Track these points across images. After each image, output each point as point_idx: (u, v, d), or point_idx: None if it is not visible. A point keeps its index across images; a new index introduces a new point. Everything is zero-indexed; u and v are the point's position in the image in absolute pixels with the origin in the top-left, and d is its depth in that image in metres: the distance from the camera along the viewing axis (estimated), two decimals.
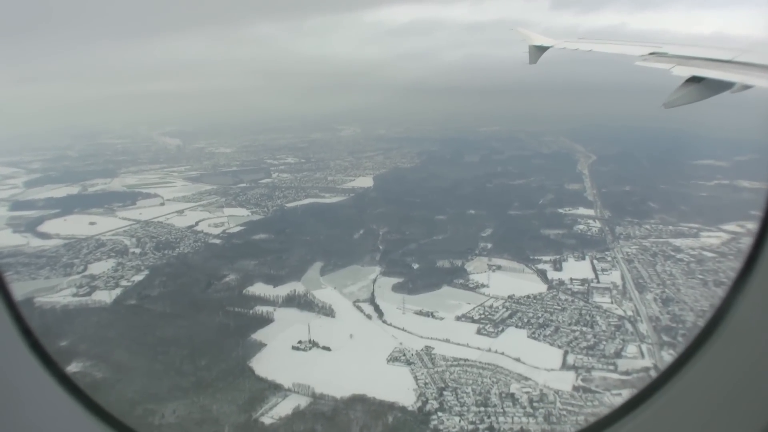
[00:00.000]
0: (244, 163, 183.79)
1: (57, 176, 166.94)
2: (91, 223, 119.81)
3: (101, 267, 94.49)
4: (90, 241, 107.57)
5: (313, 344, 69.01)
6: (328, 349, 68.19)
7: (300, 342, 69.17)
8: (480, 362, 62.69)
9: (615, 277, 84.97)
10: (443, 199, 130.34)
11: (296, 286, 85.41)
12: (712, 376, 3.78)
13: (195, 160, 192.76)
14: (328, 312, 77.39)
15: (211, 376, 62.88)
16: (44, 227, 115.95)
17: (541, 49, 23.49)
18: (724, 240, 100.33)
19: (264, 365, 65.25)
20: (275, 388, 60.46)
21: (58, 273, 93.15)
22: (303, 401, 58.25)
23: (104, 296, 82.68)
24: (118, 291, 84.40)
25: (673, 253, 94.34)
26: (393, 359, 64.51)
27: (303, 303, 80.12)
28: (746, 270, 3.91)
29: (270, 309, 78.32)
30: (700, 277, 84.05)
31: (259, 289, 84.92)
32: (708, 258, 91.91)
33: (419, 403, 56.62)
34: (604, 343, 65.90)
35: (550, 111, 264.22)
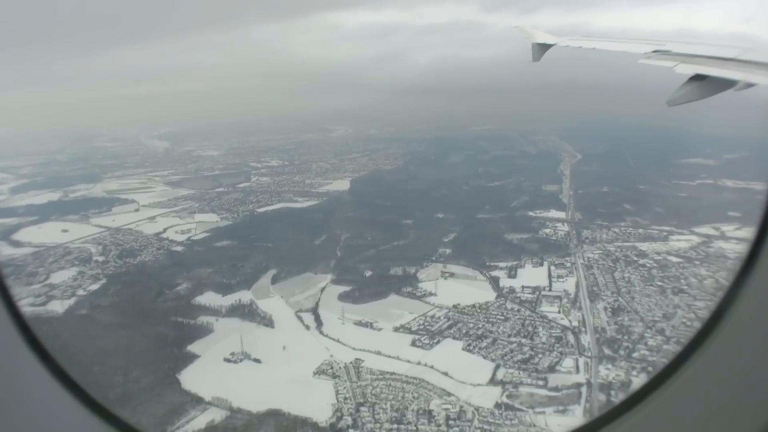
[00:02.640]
0: (227, 167, 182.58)
1: (43, 182, 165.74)
2: (64, 231, 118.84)
3: (62, 276, 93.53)
4: (58, 249, 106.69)
5: (245, 356, 67.66)
6: (258, 361, 66.69)
7: (232, 354, 67.66)
8: (406, 376, 60.85)
9: (569, 284, 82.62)
10: (415, 202, 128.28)
11: (244, 295, 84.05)
12: (711, 375, 3.77)
13: (180, 163, 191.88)
14: (268, 322, 76.00)
15: (138, 388, 61.83)
16: (18, 235, 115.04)
17: (545, 47, 23.48)
18: (693, 244, 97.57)
19: (192, 378, 64.05)
20: (196, 402, 59.30)
21: (21, 282, 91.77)
22: (219, 415, 57.06)
23: (57, 306, 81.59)
24: (71, 301, 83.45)
25: (636, 259, 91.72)
26: (320, 372, 62.91)
27: (246, 313, 78.73)
28: (746, 268, 3.83)
29: (212, 319, 76.89)
30: (659, 284, 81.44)
31: (207, 298, 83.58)
32: (672, 264, 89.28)
33: (333, 419, 54.98)
34: (540, 356, 63.76)
35: (546, 110, 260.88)
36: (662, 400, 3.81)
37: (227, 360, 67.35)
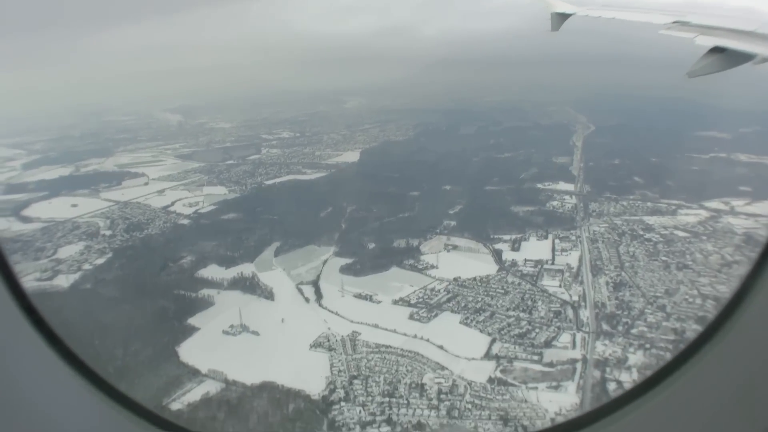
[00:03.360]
0: (238, 139, 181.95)
1: (55, 157, 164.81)
2: (73, 206, 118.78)
3: (69, 251, 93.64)
4: (67, 224, 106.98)
5: (244, 329, 67.78)
6: (256, 333, 66.74)
7: (231, 327, 67.82)
8: (402, 349, 60.58)
9: (573, 258, 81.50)
10: (423, 174, 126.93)
11: (247, 268, 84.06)
12: (716, 373, 3.74)
13: (192, 136, 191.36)
14: (268, 295, 75.99)
15: (136, 362, 62.15)
16: (29, 211, 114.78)
17: (564, 17, 23.47)
18: (701, 218, 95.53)
19: (190, 350, 64.33)
20: (193, 374, 59.54)
21: (28, 258, 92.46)
22: (215, 388, 57.26)
23: (63, 281, 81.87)
24: (77, 275, 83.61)
25: (642, 233, 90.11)
26: (316, 345, 62.86)
27: (247, 286, 78.74)
28: (756, 271, 3.93)
29: (214, 292, 77.06)
30: (663, 259, 79.92)
31: (210, 271, 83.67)
32: (678, 238, 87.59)
33: (326, 392, 55.03)
34: (537, 330, 63.10)
35: (561, 81, 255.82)
36: (666, 394, 3.76)
37: (226, 333, 67.55)
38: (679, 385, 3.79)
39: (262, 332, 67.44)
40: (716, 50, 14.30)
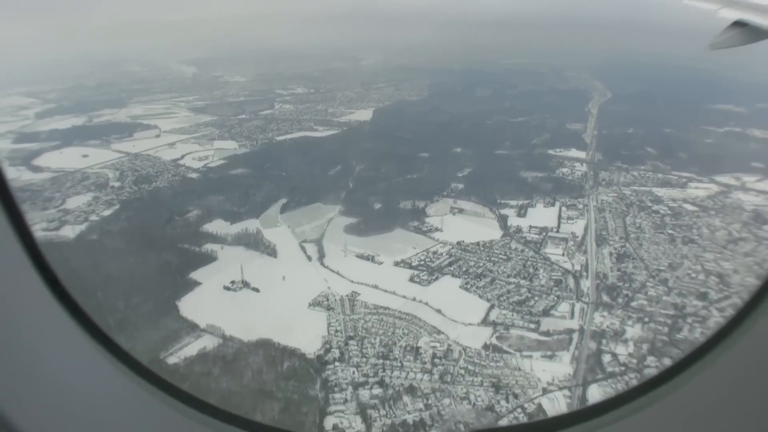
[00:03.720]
0: (252, 93, 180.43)
1: (68, 106, 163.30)
2: (84, 156, 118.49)
3: (77, 201, 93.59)
4: (76, 174, 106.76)
5: (245, 285, 67.80)
6: (257, 290, 66.81)
7: (232, 282, 67.89)
8: (400, 312, 60.40)
9: (578, 227, 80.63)
10: (434, 135, 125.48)
11: (252, 224, 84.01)
12: (728, 374, 3.63)
13: (206, 89, 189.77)
14: (271, 252, 75.83)
15: (137, 314, 62.43)
16: (39, 160, 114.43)
17: None
18: (711, 193, 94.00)
19: (191, 305, 64.46)
20: (191, 329, 59.71)
21: (37, 207, 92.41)
22: (212, 343, 57.43)
23: (69, 231, 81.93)
24: (83, 226, 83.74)
25: (650, 204, 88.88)
26: (315, 304, 62.82)
27: (251, 242, 78.63)
28: None
29: (218, 247, 77.06)
30: (670, 232, 78.85)
31: (216, 226, 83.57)
32: (686, 212, 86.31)
33: (321, 352, 55.04)
34: (537, 298, 62.63)
35: (581, 46, 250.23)
36: (670, 396, 3.62)
37: (227, 288, 67.63)
38: (682, 388, 3.63)
39: (263, 289, 67.49)
40: (739, 24, 14.04)
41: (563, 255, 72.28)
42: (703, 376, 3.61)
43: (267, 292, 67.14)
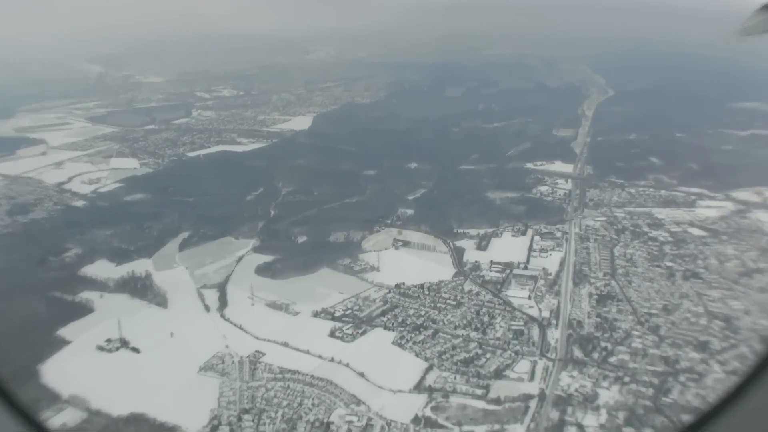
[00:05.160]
0: (168, 97, 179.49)
1: None
2: None
3: None
4: None
5: (123, 344, 65.80)
6: (137, 350, 64.89)
7: (108, 341, 65.91)
8: (313, 376, 58.75)
9: (552, 261, 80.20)
10: (386, 147, 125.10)
11: (142, 266, 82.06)
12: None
13: (113, 92, 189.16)
14: (161, 301, 74.15)
15: None
16: None
17: None
18: (725, 213, 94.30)
19: (55, 369, 62.32)
20: (52, 400, 57.52)
21: None
22: (74, 417, 55.29)
23: None
24: None
25: (647, 230, 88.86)
26: (207, 368, 60.97)
27: (138, 288, 76.83)
28: None
29: (96, 295, 75.27)
30: (668, 265, 78.47)
31: (98, 268, 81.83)
32: (692, 238, 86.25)
33: (207, 429, 53.01)
34: (489, 355, 61.36)
35: (582, 32, 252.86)
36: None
37: (101, 348, 65.81)
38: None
39: (145, 349, 65.62)
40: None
41: (529, 298, 71.51)
42: None
43: (149, 352, 65.37)
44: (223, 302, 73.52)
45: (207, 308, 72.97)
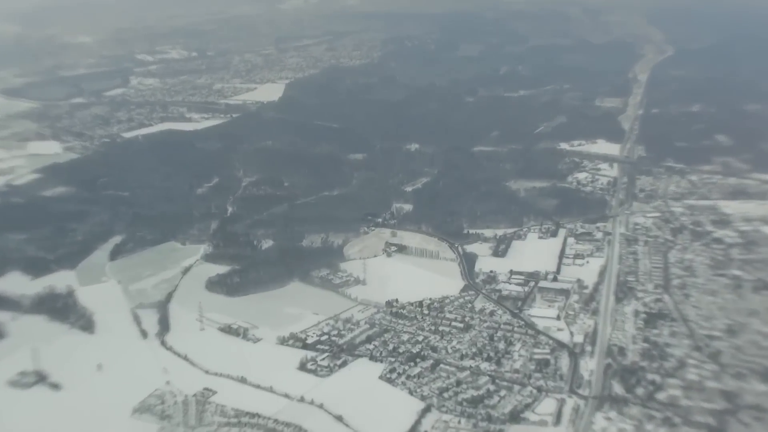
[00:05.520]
0: (101, 61, 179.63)
1: None
2: None
3: None
4: None
5: (39, 378, 66.32)
6: (57, 387, 65.39)
7: (21, 374, 66.51)
8: (277, 420, 58.80)
9: (590, 270, 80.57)
10: (380, 123, 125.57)
11: (64, 279, 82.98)
12: None
13: (33, 58, 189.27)
14: (87, 324, 74.47)
15: None
16: None
17: None
18: None
19: None
20: None
21: None
22: None
23: None
24: None
25: (711, 228, 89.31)
26: (143, 410, 61.09)
27: (59, 308, 77.47)
28: None
29: (8, 317, 76.01)
30: (736, 273, 78.42)
31: (9, 283, 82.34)
32: (765, 239, 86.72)
33: None
34: (504, 393, 61.36)
35: None
36: None
37: (13, 384, 66.30)
38: None
39: (67, 384, 65.81)
40: None
41: (558, 318, 71.68)
42: None
43: (72, 389, 65.60)
44: (164, 326, 73.69)
45: (144, 333, 73.24)
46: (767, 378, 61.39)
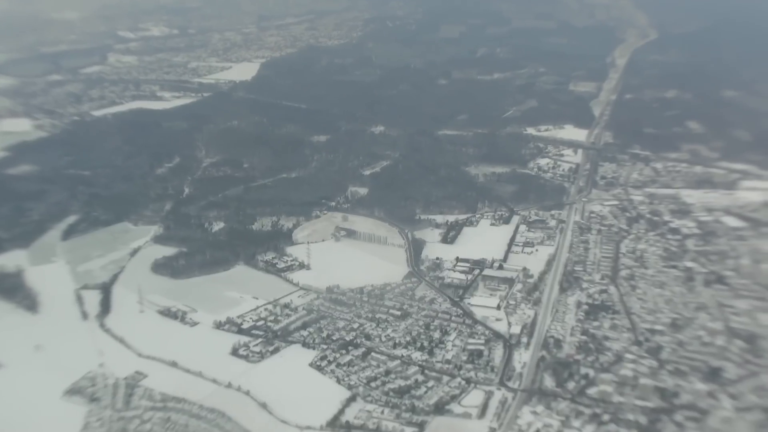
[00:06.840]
0: (82, 38, 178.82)
1: None
2: None
3: None
4: None
5: None
6: None
7: None
8: (202, 406, 58.72)
9: (538, 258, 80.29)
10: (349, 105, 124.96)
11: (15, 258, 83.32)
12: None
13: (15, 34, 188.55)
14: (30, 304, 74.51)
15: None
16: None
17: None
18: None
19: None
20: None
21: None
22: None
23: None
24: None
25: (668, 218, 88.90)
26: (74, 391, 61.04)
27: (6, 288, 77.67)
28: None
29: None
30: (688, 265, 78.03)
31: None
32: (724, 230, 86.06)
33: None
34: (432, 383, 61.16)
35: None
36: None
37: None
38: None
39: (4, 364, 65.91)
40: None
41: (498, 308, 71.34)
42: None
43: (8, 369, 65.70)
44: (105, 307, 73.82)
45: (84, 315, 73.27)
46: (708, 376, 60.50)
